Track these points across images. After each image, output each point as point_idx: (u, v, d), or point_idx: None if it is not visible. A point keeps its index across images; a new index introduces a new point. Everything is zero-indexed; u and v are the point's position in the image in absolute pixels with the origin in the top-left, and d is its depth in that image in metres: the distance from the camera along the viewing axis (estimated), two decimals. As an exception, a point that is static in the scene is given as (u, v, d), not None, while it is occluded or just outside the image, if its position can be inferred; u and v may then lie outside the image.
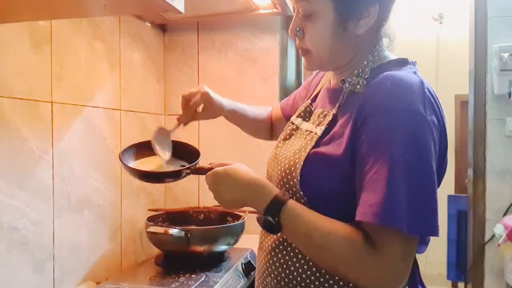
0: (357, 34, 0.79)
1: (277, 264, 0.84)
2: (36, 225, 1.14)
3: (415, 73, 0.77)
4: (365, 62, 0.81)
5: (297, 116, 0.93)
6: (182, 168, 1.00)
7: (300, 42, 0.84)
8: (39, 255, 1.15)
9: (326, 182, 0.76)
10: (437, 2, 3.81)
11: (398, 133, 0.69)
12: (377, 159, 0.69)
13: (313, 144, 0.79)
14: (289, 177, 0.80)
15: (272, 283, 0.84)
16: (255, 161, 1.86)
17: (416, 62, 0.84)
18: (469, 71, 2.05)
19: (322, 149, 0.78)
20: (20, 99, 1.09)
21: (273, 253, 0.85)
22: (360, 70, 0.80)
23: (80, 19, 1.31)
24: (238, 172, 0.81)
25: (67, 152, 1.26)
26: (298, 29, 0.82)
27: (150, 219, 1.47)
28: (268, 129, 1.26)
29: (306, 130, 0.86)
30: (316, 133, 0.81)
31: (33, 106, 1.13)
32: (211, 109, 1.15)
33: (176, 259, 1.39)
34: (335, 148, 0.76)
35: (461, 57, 2.96)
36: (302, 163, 0.78)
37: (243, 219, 1.45)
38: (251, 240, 1.64)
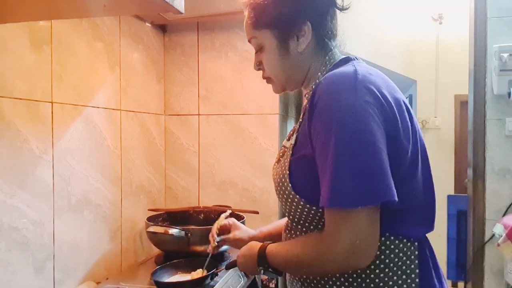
0: (300, 52, 0.90)
1: None
2: (36, 225, 1.14)
3: (353, 65, 0.84)
4: (319, 73, 0.91)
5: (287, 140, 1.00)
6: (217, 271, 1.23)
7: (263, 73, 0.97)
8: (39, 255, 1.15)
9: (310, 178, 0.81)
10: (437, 3, 3.81)
11: (334, 120, 0.76)
12: (322, 149, 0.77)
13: (290, 152, 0.88)
14: (283, 187, 0.87)
15: (298, 285, 0.91)
16: (255, 161, 1.87)
17: (357, 57, 0.91)
18: (468, 71, 2.05)
19: (297, 154, 0.86)
20: (20, 99, 1.09)
21: None
22: (317, 81, 0.89)
23: (80, 20, 1.32)
24: (241, 250, 1.00)
25: (67, 152, 1.26)
26: (257, 63, 0.97)
27: (150, 219, 1.47)
28: None
29: (287, 147, 0.94)
30: (291, 144, 0.90)
31: (33, 106, 1.14)
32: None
33: (176, 259, 1.39)
34: (306, 149, 0.83)
35: (460, 57, 2.96)
36: (287, 172, 0.86)
37: (243, 219, 1.46)
38: (251, 240, 1.64)
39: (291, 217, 0.90)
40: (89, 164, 1.36)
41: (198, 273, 1.21)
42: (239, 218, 1.49)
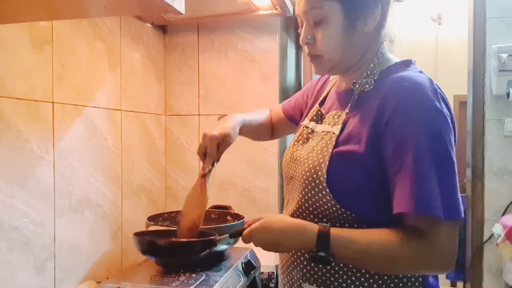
0: (365, 33, 0.86)
1: (302, 258, 0.89)
2: (37, 225, 1.14)
3: (421, 72, 0.85)
4: (372, 65, 0.88)
5: (310, 120, 0.98)
6: (221, 237, 1.03)
7: (310, 49, 0.89)
8: (39, 254, 1.15)
9: (350, 179, 0.81)
10: (436, 3, 3.82)
11: (422, 129, 0.75)
12: (405, 155, 0.75)
13: (334, 143, 0.85)
14: (315, 175, 0.84)
15: (297, 276, 0.89)
16: (255, 161, 1.87)
17: (415, 61, 0.91)
18: (467, 72, 2.05)
19: (343, 147, 0.83)
20: (21, 99, 1.09)
21: None
22: (369, 72, 0.87)
23: (80, 20, 1.32)
24: (274, 223, 0.84)
25: (67, 152, 1.26)
26: (309, 37, 0.88)
27: (150, 218, 1.48)
28: (269, 131, 1.30)
29: (323, 131, 0.91)
30: (334, 133, 0.86)
31: (34, 107, 1.14)
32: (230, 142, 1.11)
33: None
34: (356, 146, 0.81)
35: (460, 57, 2.96)
36: (327, 162, 0.83)
37: (243, 219, 1.46)
38: (251, 240, 1.64)
39: (306, 204, 0.87)
40: (89, 164, 1.36)
41: None
42: (239, 217, 1.50)
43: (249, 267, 1.41)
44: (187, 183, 1.90)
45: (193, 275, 1.27)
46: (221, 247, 1.41)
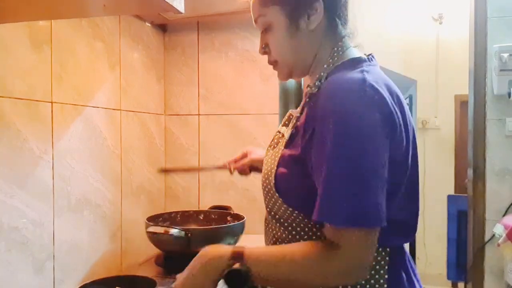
0: (311, 30, 0.85)
1: None
2: (36, 225, 1.14)
3: (362, 71, 0.78)
4: (325, 66, 0.86)
5: (282, 125, 0.98)
6: None
7: (269, 56, 0.91)
8: (39, 255, 1.15)
9: (293, 180, 0.81)
10: (437, 2, 3.81)
11: (336, 133, 0.72)
12: (320, 160, 0.73)
13: (282, 147, 0.85)
14: (267, 181, 0.85)
15: None
16: (255, 161, 1.87)
17: (373, 56, 0.87)
18: (468, 71, 2.05)
19: (287, 150, 0.84)
20: (20, 99, 1.09)
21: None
22: (322, 74, 0.85)
23: (80, 19, 1.32)
24: (187, 269, 0.81)
25: (67, 152, 1.26)
26: (264, 45, 0.91)
27: (150, 219, 1.47)
28: None
29: (282, 135, 0.91)
30: (284, 136, 0.88)
31: (33, 106, 1.13)
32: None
33: (176, 259, 1.39)
34: (294, 150, 0.82)
35: (461, 57, 2.96)
36: (275, 167, 0.84)
37: (243, 219, 1.46)
38: (251, 240, 1.64)
39: (268, 209, 0.88)
40: (89, 164, 1.36)
41: None
42: (239, 218, 1.49)
43: (249, 267, 1.40)
44: (187, 183, 1.90)
45: (193, 275, 1.27)
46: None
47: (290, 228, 0.83)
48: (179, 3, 0.82)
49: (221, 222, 1.53)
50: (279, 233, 0.86)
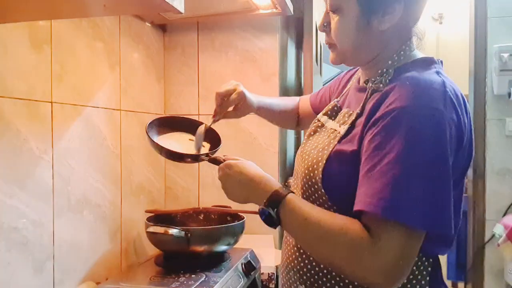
0: (381, 30, 0.79)
1: (300, 259, 0.86)
2: (36, 225, 1.14)
3: (438, 73, 0.77)
4: (390, 62, 0.82)
5: (324, 114, 0.95)
6: (201, 154, 1.09)
7: (327, 36, 0.86)
8: (39, 255, 1.15)
9: (344, 179, 0.77)
10: (437, 2, 3.81)
11: (415, 129, 0.69)
12: (389, 152, 0.68)
13: (336, 142, 0.81)
14: (312, 174, 0.82)
15: (295, 277, 0.87)
16: (255, 161, 1.86)
17: (442, 61, 0.85)
18: (469, 71, 2.05)
19: (342, 147, 0.79)
20: (20, 99, 1.09)
21: (296, 248, 0.88)
22: (385, 70, 0.81)
23: (80, 19, 1.31)
24: (245, 168, 0.88)
25: (67, 152, 1.26)
26: (325, 24, 0.85)
27: (150, 219, 1.47)
28: (295, 120, 1.29)
29: (331, 129, 0.88)
30: (339, 132, 0.83)
31: (33, 106, 1.13)
32: (243, 109, 1.15)
33: (176, 259, 1.39)
34: (352, 145, 0.77)
35: (461, 57, 2.96)
36: (324, 161, 0.80)
37: (243, 219, 1.45)
38: (251, 240, 1.64)
39: (304, 197, 0.85)
40: (89, 164, 1.36)
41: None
42: (239, 218, 1.49)
43: (249, 268, 1.40)
44: (187, 183, 1.89)
45: (193, 275, 1.27)
46: (221, 247, 1.41)
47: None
48: (179, 3, 0.82)
49: (221, 222, 1.53)
50: None
